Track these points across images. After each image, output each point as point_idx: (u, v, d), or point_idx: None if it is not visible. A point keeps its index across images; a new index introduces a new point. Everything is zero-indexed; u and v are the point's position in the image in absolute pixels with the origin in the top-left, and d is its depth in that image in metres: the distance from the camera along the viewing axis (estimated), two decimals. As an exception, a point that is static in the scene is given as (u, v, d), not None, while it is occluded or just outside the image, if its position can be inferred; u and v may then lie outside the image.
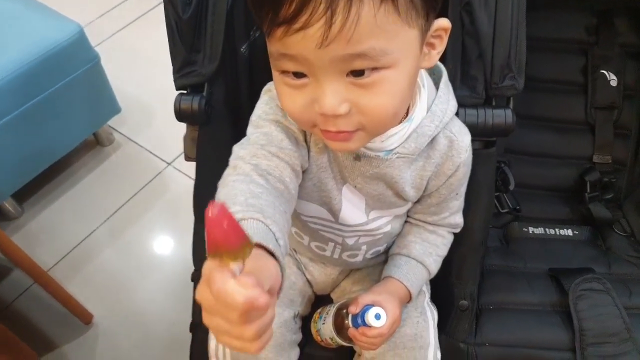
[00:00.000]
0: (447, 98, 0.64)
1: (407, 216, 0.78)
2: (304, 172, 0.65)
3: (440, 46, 0.57)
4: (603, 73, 1.03)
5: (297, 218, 0.74)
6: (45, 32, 1.30)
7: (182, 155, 1.62)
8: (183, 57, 0.75)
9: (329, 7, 0.45)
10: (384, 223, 0.74)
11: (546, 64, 1.06)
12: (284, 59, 0.50)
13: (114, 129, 1.70)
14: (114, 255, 1.43)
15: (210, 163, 0.78)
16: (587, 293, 0.79)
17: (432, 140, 0.64)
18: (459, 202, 0.73)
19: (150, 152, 1.66)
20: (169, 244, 1.47)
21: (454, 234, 0.77)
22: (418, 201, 0.73)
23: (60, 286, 1.26)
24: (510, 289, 0.85)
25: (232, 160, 0.60)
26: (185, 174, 1.60)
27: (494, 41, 0.72)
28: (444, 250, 0.77)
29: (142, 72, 1.86)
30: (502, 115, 0.73)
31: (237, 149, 0.61)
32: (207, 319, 0.39)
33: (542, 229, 0.98)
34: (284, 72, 0.52)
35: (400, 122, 0.60)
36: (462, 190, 0.72)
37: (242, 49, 0.85)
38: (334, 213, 0.71)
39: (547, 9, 1.05)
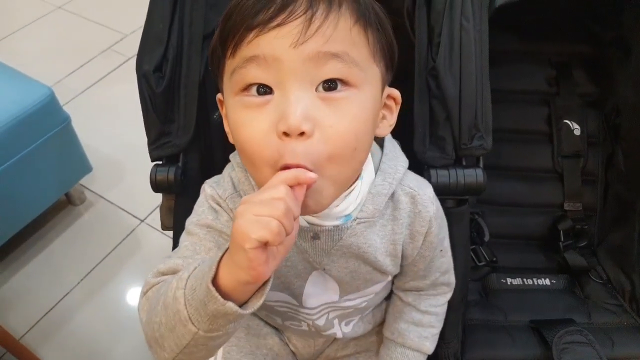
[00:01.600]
0: (394, 155, 0.64)
1: (395, 291, 0.75)
2: None
3: (392, 119, 0.60)
4: (567, 123, 1.07)
5: (262, 305, 0.72)
6: (14, 97, 1.28)
7: (155, 212, 1.61)
8: (157, 129, 0.75)
9: (309, 7, 0.48)
10: (359, 300, 0.71)
11: (511, 115, 1.09)
12: (251, 64, 0.49)
13: (85, 187, 1.67)
14: (88, 319, 1.38)
15: (187, 232, 0.78)
16: (570, 346, 0.80)
17: (393, 200, 0.63)
18: (446, 260, 0.71)
19: (123, 210, 1.63)
20: (145, 305, 1.43)
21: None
22: (404, 273, 0.70)
23: (33, 354, 1.22)
24: (493, 345, 0.85)
25: (147, 282, 0.57)
26: (158, 230, 1.57)
27: (461, 103, 0.75)
28: (440, 324, 0.75)
29: (112, 128, 1.85)
30: (473, 175, 0.75)
31: (165, 259, 0.59)
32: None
33: (519, 279, 0.99)
34: (245, 89, 0.50)
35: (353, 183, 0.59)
36: (446, 245, 0.70)
37: (215, 116, 0.86)
38: (296, 297, 0.68)
39: (508, 63, 1.09)
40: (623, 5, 0.91)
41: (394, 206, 0.63)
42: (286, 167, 0.48)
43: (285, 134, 0.48)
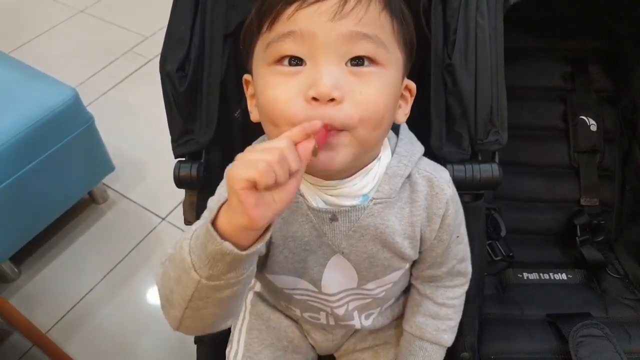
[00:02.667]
0: (409, 140, 0.67)
1: (413, 282, 0.76)
2: (269, 245, 0.65)
3: (407, 108, 0.63)
4: (583, 119, 1.08)
5: (281, 292, 0.73)
6: (40, 98, 1.33)
7: (175, 210, 1.65)
8: (181, 127, 0.78)
9: None
10: (378, 289, 0.71)
11: (527, 112, 1.10)
12: (286, 39, 0.53)
13: (107, 186, 1.71)
14: (112, 314, 1.42)
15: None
16: (587, 339, 0.80)
17: (410, 183, 0.64)
18: (463, 247, 0.72)
19: (145, 208, 1.67)
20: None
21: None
22: (422, 259, 0.71)
23: (59, 348, 1.26)
24: (509, 338, 0.86)
25: (165, 253, 0.57)
26: (179, 227, 1.61)
27: (476, 99, 0.76)
28: (458, 317, 0.75)
29: (134, 128, 1.89)
30: (489, 170, 0.76)
31: (178, 238, 0.59)
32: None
33: (536, 274, 1.00)
34: (278, 61, 0.54)
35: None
36: (462, 231, 0.71)
37: (235, 114, 0.88)
38: (315, 282, 0.69)
39: (524, 60, 1.10)
40: (638, 1, 0.91)
41: (411, 189, 0.64)
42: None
43: (315, 99, 0.51)
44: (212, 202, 0.64)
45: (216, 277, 0.49)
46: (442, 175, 0.66)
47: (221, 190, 0.65)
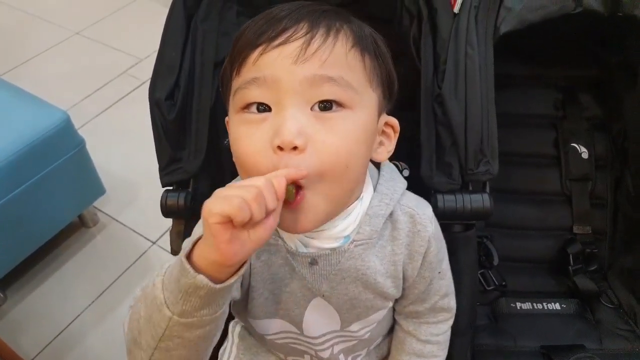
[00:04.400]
0: (391, 177, 0.65)
1: (396, 318, 0.74)
2: (249, 289, 0.63)
3: (390, 145, 0.62)
4: (574, 146, 1.08)
5: (262, 339, 0.72)
6: (31, 121, 1.32)
7: (166, 234, 1.63)
8: (169, 155, 0.77)
9: (310, 30, 0.52)
10: (362, 331, 0.70)
11: (519, 139, 1.10)
12: (252, 85, 0.52)
13: (98, 209, 1.70)
14: (99, 341, 1.39)
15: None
16: (581, 373, 0.79)
17: (392, 220, 0.63)
18: (445, 282, 0.70)
19: (135, 232, 1.66)
20: (155, 327, 1.43)
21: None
22: (404, 296, 0.69)
23: (42, 378, 1.22)
24: (502, 371, 0.84)
25: (133, 298, 0.57)
26: (169, 252, 1.58)
27: (466, 130, 0.75)
28: (443, 353, 0.74)
29: (126, 151, 1.88)
30: (480, 200, 0.75)
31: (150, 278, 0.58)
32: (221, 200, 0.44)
33: (529, 303, 0.99)
34: (246, 107, 0.54)
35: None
36: (444, 267, 0.70)
37: (225, 142, 0.87)
38: (297, 324, 0.67)
39: (515, 87, 1.10)
40: (626, 30, 0.92)
41: (392, 226, 0.63)
42: None
43: (280, 148, 0.50)
44: (186, 241, 0.63)
45: (189, 314, 0.47)
46: (424, 212, 0.65)
47: (197, 230, 0.64)
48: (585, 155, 1.07)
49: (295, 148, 0.50)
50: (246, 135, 0.53)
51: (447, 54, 0.76)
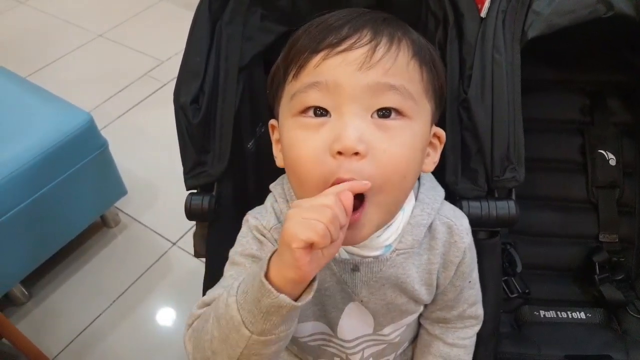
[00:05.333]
0: (431, 185, 0.65)
1: (422, 323, 0.75)
2: None
3: (436, 156, 0.62)
4: (601, 153, 1.05)
5: (293, 341, 0.72)
6: (55, 122, 1.34)
7: (186, 235, 1.65)
8: (193, 159, 0.77)
9: (373, 38, 0.51)
10: (394, 334, 0.70)
11: (545, 144, 1.08)
12: (312, 89, 0.52)
13: (119, 209, 1.72)
14: (120, 340, 1.41)
15: (220, 259, 0.78)
16: (607, 384, 0.77)
17: (431, 230, 0.63)
18: (474, 292, 0.71)
19: (156, 232, 1.67)
20: (175, 327, 1.44)
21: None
22: (434, 302, 0.69)
23: (65, 375, 1.24)
24: (526, 380, 0.83)
25: (191, 315, 0.58)
26: (189, 252, 1.60)
27: (493, 135, 0.75)
28: (469, 357, 0.74)
29: (147, 152, 1.90)
30: (506, 207, 0.74)
31: (209, 291, 0.60)
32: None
33: (553, 312, 0.97)
34: (303, 112, 0.53)
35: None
36: (475, 277, 0.70)
37: (249, 145, 0.88)
38: (332, 326, 0.68)
39: (542, 92, 1.08)
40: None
41: (431, 236, 0.64)
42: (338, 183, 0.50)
43: (340, 153, 0.50)
44: (237, 255, 0.63)
45: (268, 332, 0.48)
46: (462, 223, 0.65)
47: (244, 241, 0.64)
48: (612, 162, 1.05)
49: (356, 154, 0.50)
50: (303, 140, 0.53)
51: (473, 59, 0.75)
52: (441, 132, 0.62)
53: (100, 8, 2.72)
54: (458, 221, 0.65)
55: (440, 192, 0.66)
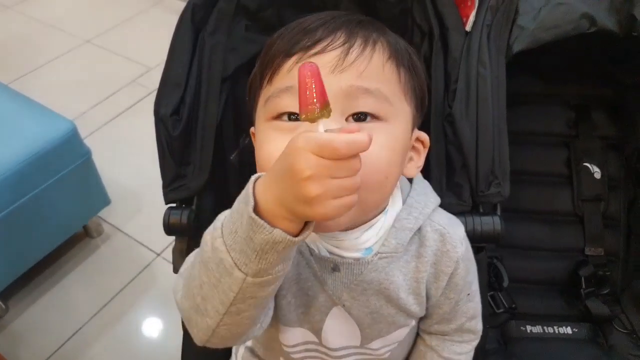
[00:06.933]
0: (423, 191, 0.64)
1: (420, 334, 0.73)
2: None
3: (419, 161, 0.62)
4: (586, 166, 1.05)
5: (280, 350, 0.70)
6: (38, 131, 1.32)
7: (171, 246, 1.61)
8: (173, 172, 0.76)
9: (347, 40, 0.51)
10: (383, 349, 0.68)
11: (530, 157, 1.08)
12: (285, 94, 0.51)
13: (103, 219, 1.69)
14: (101, 354, 1.38)
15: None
16: (593, 402, 0.76)
17: (420, 236, 0.62)
18: (474, 305, 0.69)
19: (140, 243, 1.64)
20: (159, 340, 1.41)
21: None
22: (429, 315, 0.68)
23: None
24: (512, 398, 0.82)
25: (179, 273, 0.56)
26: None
27: (477, 150, 0.74)
28: None
29: (133, 161, 1.88)
30: (490, 223, 0.73)
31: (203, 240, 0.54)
32: (314, 187, 0.40)
33: (540, 327, 0.96)
34: (276, 117, 0.52)
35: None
36: (474, 289, 0.68)
37: (232, 157, 0.86)
38: (316, 332, 0.65)
39: (527, 105, 1.08)
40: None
41: (420, 242, 0.62)
42: None
43: None
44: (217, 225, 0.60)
45: (265, 272, 0.44)
46: (456, 231, 0.63)
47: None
48: (597, 175, 1.05)
49: None
50: (274, 139, 0.51)
51: (458, 74, 0.74)
52: (425, 137, 0.61)
53: (89, 14, 2.70)
54: (452, 229, 0.63)
55: (433, 198, 0.64)
